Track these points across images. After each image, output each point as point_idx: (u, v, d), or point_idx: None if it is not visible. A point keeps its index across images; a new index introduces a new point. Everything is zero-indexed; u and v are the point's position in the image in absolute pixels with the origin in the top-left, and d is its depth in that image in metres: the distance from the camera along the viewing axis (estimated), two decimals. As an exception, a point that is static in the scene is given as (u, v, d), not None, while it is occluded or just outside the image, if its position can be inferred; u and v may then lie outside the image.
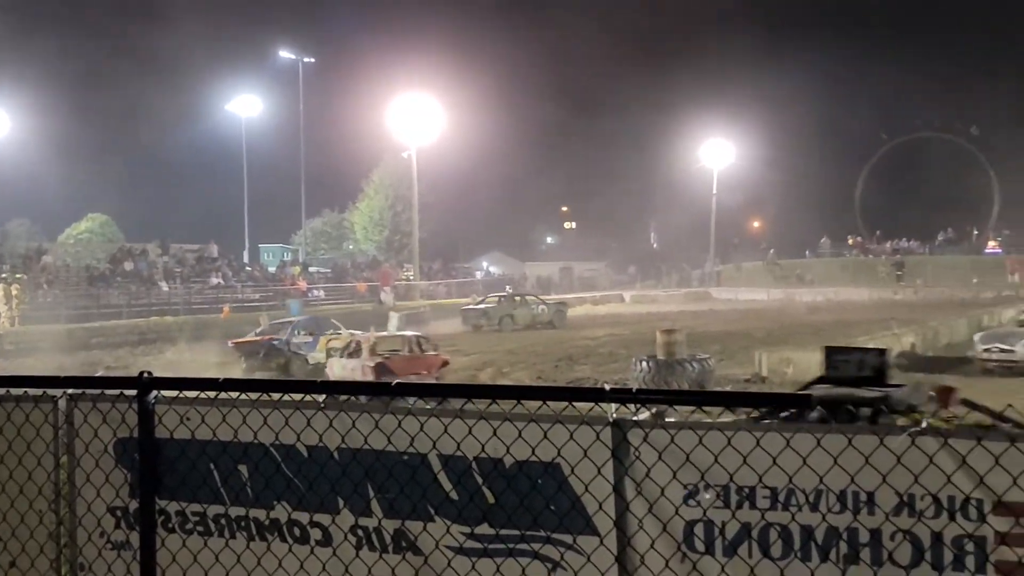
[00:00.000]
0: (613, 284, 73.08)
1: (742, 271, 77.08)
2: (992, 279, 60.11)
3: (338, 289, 57.86)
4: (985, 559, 3.00)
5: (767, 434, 3.14)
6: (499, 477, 3.44)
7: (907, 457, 3.00)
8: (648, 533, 3.27)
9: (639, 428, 3.29)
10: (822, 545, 3.13)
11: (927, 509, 3.04)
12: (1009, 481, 2.92)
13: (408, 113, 62.68)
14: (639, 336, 33.51)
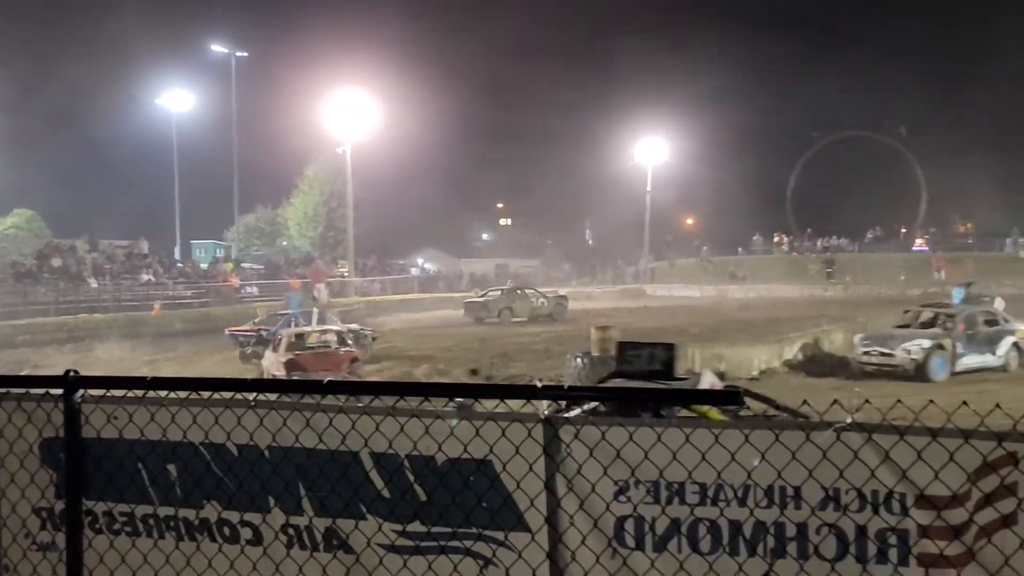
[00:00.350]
0: (548, 281, 73.20)
1: (676, 268, 77.65)
2: (919, 276, 61.19)
3: (271, 286, 57.19)
4: (908, 551, 3.07)
5: (697, 430, 3.17)
6: (431, 475, 3.44)
7: (832, 452, 3.06)
8: (579, 529, 3.29)
9: (571, 425, 3.31)
10: (750, 539, 3.18)
11: (852, 503, 3.10)
12: (931, 475, 2.99)
13: (343, 109, 62.15)
14: (574, 333, 33.64)
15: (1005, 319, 24.64)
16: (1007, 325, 24.24)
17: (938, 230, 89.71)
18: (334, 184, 69.07)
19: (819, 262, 73.06)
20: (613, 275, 76.43)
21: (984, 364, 23.10)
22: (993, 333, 23.66)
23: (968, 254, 73.65)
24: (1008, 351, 23.69)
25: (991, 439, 2.97)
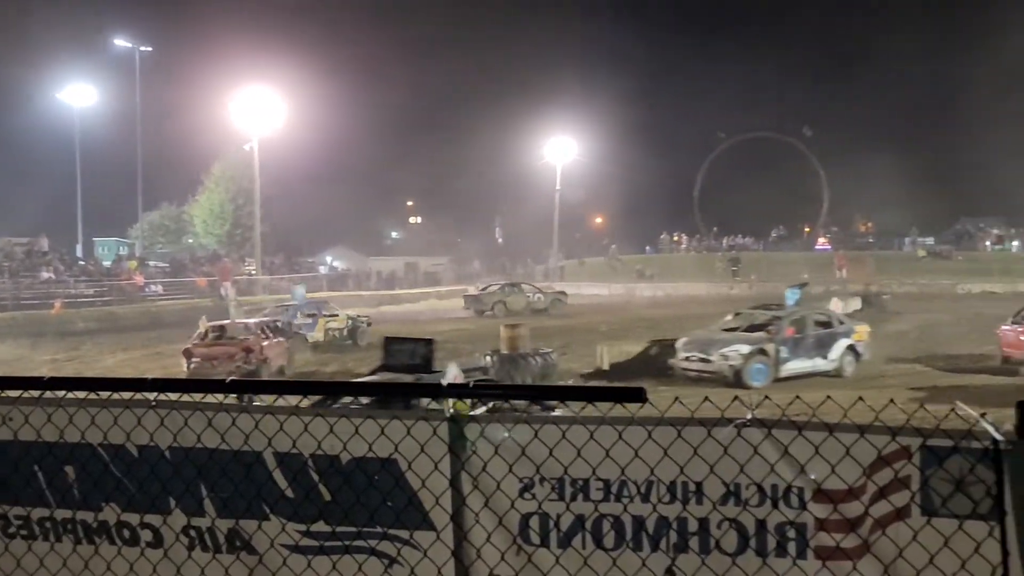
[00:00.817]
0: (458, 279, 73.13)
1: (585, 266, 78.25)
2: (822, 275, 62.43)
3: (177, 284, 56.26)
4: (806, 545, 3.13)
5: (600, 427, 3.20)
6: (336, 474, 3.41)
7: (733, 448, 3.11)
8: (484, 527, 3.30)
9: (476, 423, 3.31)
10: (653, 535, 3.21)
11: (752, 498, 3.15)
12: (828, 469, 3.06)
13: (250, 105, 61.38)
14: (484, 330, 33.69)
15: (841, 321, 24.01)
16: (842, 328, 23.55)
17: (840, 229, 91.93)
18: (241, 181, 68.06)
19: (725, 260, 74.28)
20: (523, 273, 76.70)
21: (815, 368, 22.30)
22: (825, 336, 22.88)
23: (869, 253, 75.66)
24: (842, 355, 22.97)
25: (886, 434, 3.04)
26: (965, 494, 2.96)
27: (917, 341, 30.25)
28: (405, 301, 56.54)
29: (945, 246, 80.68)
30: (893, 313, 41.11)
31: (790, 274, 58.66)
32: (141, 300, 49.11)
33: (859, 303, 43.35)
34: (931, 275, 62.32)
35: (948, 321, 36.64)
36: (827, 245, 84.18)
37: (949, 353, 26.47)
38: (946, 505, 2.98)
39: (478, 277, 73.37)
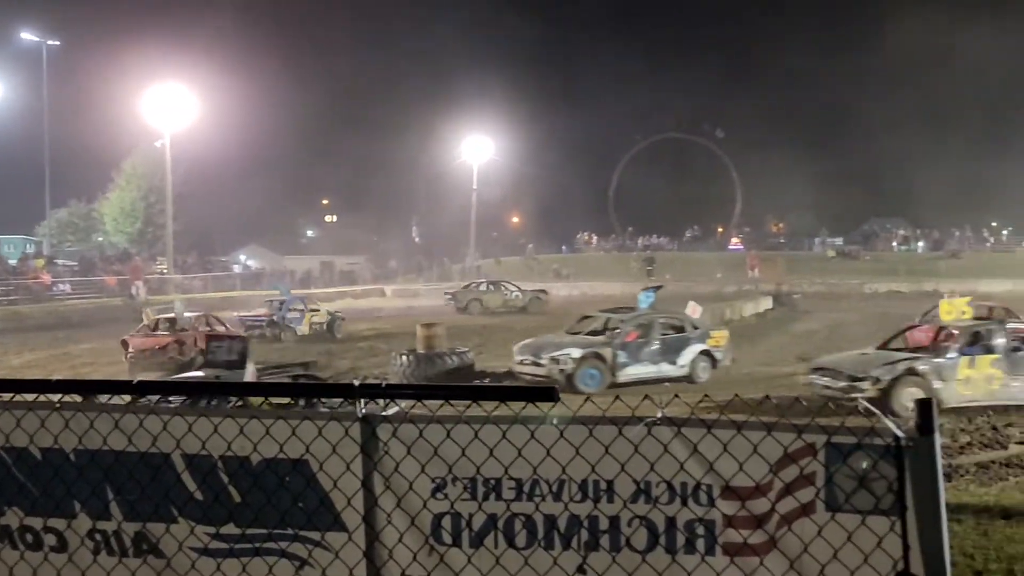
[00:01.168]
0: (374, 278, 72.76)
1: (502, 265, 78.41)
2: (735, 274, 63.59)
3: (86, 283, 55.09)
4: (714, 541, 3.17)
5: (513, 426, 3.21)
6: (246, 475, 3.37)
7: (644, 446, 3.14)
8: (396, 527, 3.28)
9: (388, 423, 3.30)
10: (564, 533, 3.23)
11: (662, 495, 3.18)
12: (736, 467, 3.11)
13: (162, 101, 60.36)
14: (400, 330, 33.58)
15: (695, 326, 23.19)
16: (695, 332, 22.83)
17: (752, 230, 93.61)
18: (152, 179, 66.86)
19: (640, 260, 75.00)
20: (439, 272, 76.59)
21: (660, 374, 21.53)
22: (675, 341, 22.28)
23: (780, 253, 77.10)
24: (694, 360, 22.29)
25: (792, 431, 3.09)
26: (868, 490, 3.03)
27: (826, 340, 30.87)
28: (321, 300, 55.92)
29: (853, 246, 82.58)
30: (803, 312, 41.99)
31: (704, 273, 59.62)
32: (48, 299, 48.07)
33: (770, 302, 44.21)
34: (840, 275, 63.69)
35: (856, 320, 37.48)
36: (740, 245, 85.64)
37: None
38: (849, 501, 3.05)
39: (394, 276, 73.14)
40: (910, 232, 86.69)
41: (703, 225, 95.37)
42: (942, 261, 69.23)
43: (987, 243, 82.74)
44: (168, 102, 60.33)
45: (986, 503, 8.55)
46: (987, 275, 59.46)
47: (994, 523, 7.49)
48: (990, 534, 7.09)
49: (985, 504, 8.48)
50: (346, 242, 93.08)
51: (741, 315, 38.97)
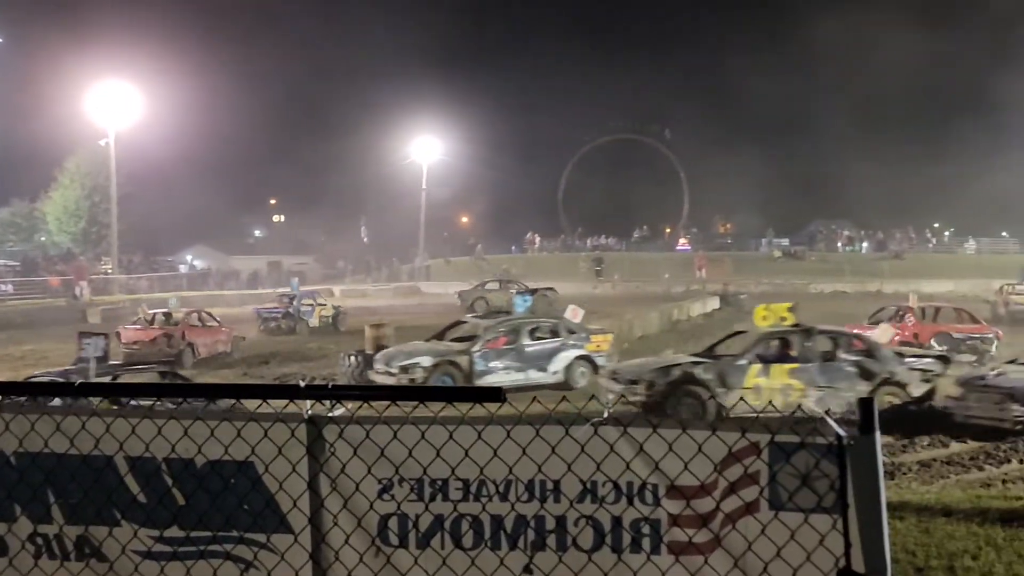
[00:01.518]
0: (323, 278, 72.32)
1: (451, 265, 78.29)
2: (682, 275, 63.96)
3: (28, 283, 54.26)
4: (660, 540, 3.19)
5: (460, 427, 3.21)
6: (190, 478, 3.34)
7: (590, 446, 3.15)
8: (343, 529, 3.27)
9: (334, 424, 3.29)
10: (511, 533, 3.23)
11: (608, 495, 3.20)
12: (681, 466, 3.13)
13: (107, 99, 59.55)
14: (348, 330, 33.46)
15: (571, 331, 22.47)
16: (572, 337, 22.13)
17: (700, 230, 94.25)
18: (97, 177, 65.81)
19: (588, 260, 75.26)
20: (388, 272, 76.32)
21: (527, 381, 20.72)
22: (546, 346, 21.66)
23: (727, 254, 77.74)
24: (570, 366, 21.70)
25: (736, 431, 3.12)
26: (810, 488, 3.06)
27: (772, 339, 31.08)
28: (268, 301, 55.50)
29: (799, 247, 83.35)
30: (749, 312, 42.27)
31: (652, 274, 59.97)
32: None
33: (718, 302, 44.59)
34: (786, 275, 64.28)
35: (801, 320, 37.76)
36: (687, 246, 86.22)
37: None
38: (792, 499, 3.08)
39: (342, 277, 72.76)
40: (855, 233, 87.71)
41: (651, 226, 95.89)
42: (885, 262, 70.10)
43: (929, 244, 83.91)
44: (113, 100, 59.54)
45: (927, 501, 8.69)
46: (929, 275, 60.36)
47: (935, 520, 7.61)
48: (931, 531, 7.21)
49: (926, 502, 8.61)
50: (294, 242, 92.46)
51: (689, 315, 39.25)
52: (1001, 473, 11.45)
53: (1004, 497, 9.15)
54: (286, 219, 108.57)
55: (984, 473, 11.50)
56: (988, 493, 9.64)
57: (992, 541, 6.87)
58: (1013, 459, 12.15)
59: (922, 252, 79.10)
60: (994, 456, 12.32)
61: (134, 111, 61.10)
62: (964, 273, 62.11)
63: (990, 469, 11.69)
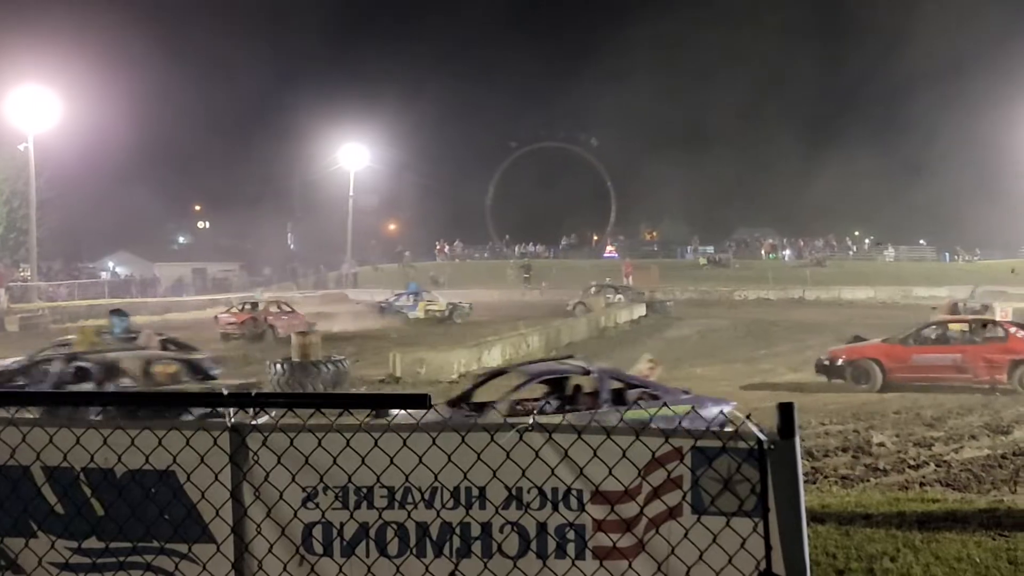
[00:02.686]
0: (248, 286, 71.53)
1: (379, 272, 77.99)
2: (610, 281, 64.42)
3: (-57, 290, 52.83)
4: (584, 545, 3.21)
5: (385, 434, 3.20)
6: (110, 488, 3.29)
7: (515, 452, 3.16)
8: (266, 538, 3.24)
9: (258, 432, 3.26)
10: (436, 540, 3.23)
11: (533, 501, 3.21)
12: (605, 471, 3.15)
13: (26, 103, 58.31)
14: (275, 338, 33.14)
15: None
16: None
17: (627, 238, 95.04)
18: (16, 183, 64.38)
19: (517, 267, 75.47)
20: (315, 280, 75.76)
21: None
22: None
23: (653, 261, 78.49)
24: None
25: (659, 436, 3.16)
26: (732, 492, 3.10)
27: (697, 345, 31.52)
28: (192, 308, 54.83)
29: (724, 255, 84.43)
30: (675, 319, 42.76)
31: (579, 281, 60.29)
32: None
33: (644, 309, 44.97)
34: (711, 282, 65.14)
35: (726, 326, 38.34)
36: (615, 253, 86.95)
37: (726, 357, 27.67)
38: (715, 503, 3.12)
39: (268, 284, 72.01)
40: (778, 241, 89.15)
41: (579, 233, 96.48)
42: (808, 269, 71.34)
43: (850, 252, 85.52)
44: (32, 104, 58.32)
45: (848, 504, 8.83)
46: (850, 282, 61.68)
47: (855, 523, 7.73)
48: (851, 534, 7.32)
49: (847, 505, 8.75)
50: (219, 248, 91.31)
51: (616, 322, 39.52)
52: (919, 476, 11.69)
53: (921, 500, 9.34)
54: (211, 225, 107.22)
55: (902, 477, 11.73)
56: (906, 496, 9.82)
57: (910, 543, 7.00)
58: (931, 463, 12.42)
59: (843, 259, 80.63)
60: (914, 460, 12.58)
61: (54, 115, 59.92)
62: (883, 280, 63.49)
63: (909, 473, 11.93)
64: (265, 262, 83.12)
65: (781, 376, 23.48)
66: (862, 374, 20.57)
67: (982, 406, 17.25)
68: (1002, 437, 14.16)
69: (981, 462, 12.37)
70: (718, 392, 19.43)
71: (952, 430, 14.74)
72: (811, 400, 18.14)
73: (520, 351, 27.38)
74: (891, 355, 20.60)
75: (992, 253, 78.61)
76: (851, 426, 15.11)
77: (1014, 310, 30.63)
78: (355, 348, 28.98)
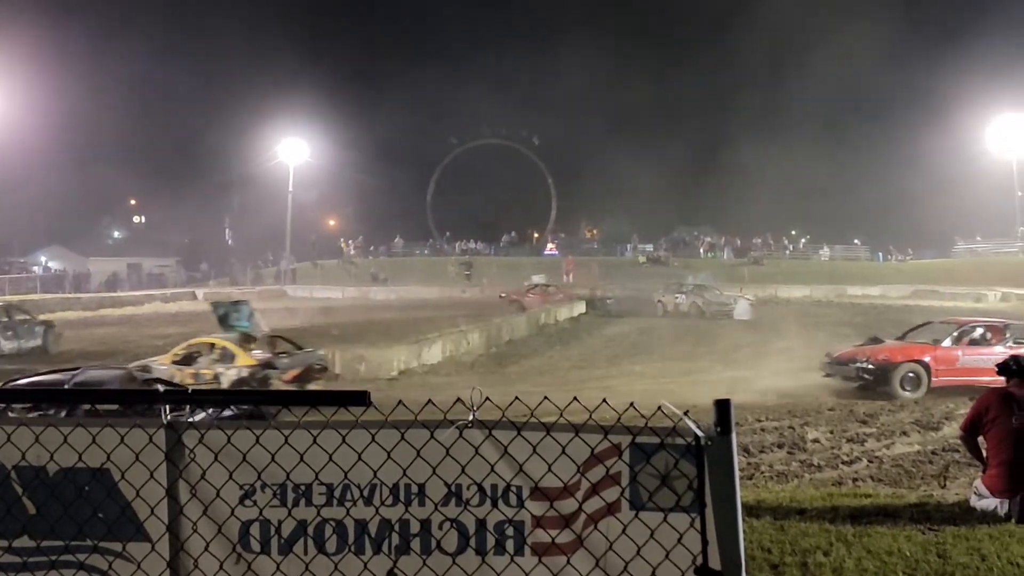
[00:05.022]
0: (185, 281, 70.65)
1: (319, 269, 77.44)
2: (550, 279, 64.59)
3: None
4: (523, 542, 3.23)
5: (324, 431, 3.19)
6: (42, 486, 3.24)
7: (455, 449, 3.17)
8: (202, 536, 3.22)
9: (195, 429, 3.23)
10: (375, 538, 3.23)
11: (473, 498, 3.22)
12: (544, 468, 3.17)
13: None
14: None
15: None
16: None
17: (567, 235, 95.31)
18: (-57, 175, 63.10)
19: (457, 265, 75.35)
20: (254, 276, 74.99)
21: None
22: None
23: (594, 258, 78.78)
24: None
25: (598, 432, 3.18)
26: (669, 488, 3.14)
27: (636, 343, 31.72)
28: (127, 304, 54.00)
29: (663, 253, 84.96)
30: (615, 316, 42.98)
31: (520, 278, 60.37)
32: None
33: (584, 306, 45.17)
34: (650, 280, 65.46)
35: (664, 324, 38.62)
36: (555, 250, 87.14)
37: (664, 355, 27.88)
38: (652, 499, 3.15)
39: (206, 280, 71.16)
40: (716, 239, 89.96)
41: (519, 231, 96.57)
42: (745, 267, 72.09)
43: (787, 251, 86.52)
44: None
45: (782, 500, 8.94)
46: (786, 281, 62.45)
47: (790, 518, 7.82)
48: (786, 529, 7.41)
49: (781, 500, 8.86)
50: (155, 243, 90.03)
51: (556, 319, 39.65)
52: (852, 472, 11.86)
53: (854, 495, 9.48)
54: (147, 220, 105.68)
55: (836, 472, 11.90)
56: (839, 491, 9.98)
57: (843, 537, 7.10)
58: (863, 459, 12.61)
59: (780, 258, 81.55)
60: (847, 457, 12.77)
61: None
62: (818, 279, 64.38)
63: (843, 468, 12.10)
64: (202, 258, 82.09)
65: (718, 373, 23.69)
66: (906, 379, 18.86)
67: (913, 403, 17.56)
68: (932, 433, 14.41)
69: (912, 458, 12.59)
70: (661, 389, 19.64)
71: (884, 426, 14.98)
72: (747, 397, 18.32)
73: (460, 348, 27.37)
74: (936, 357, 18.95)
75: (923, 253, 79.99)
76: (787, 423, 15.29)
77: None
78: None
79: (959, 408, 16.25)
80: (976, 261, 71.26)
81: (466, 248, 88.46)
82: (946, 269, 67.74)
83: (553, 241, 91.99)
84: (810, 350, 24.94)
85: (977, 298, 52.24)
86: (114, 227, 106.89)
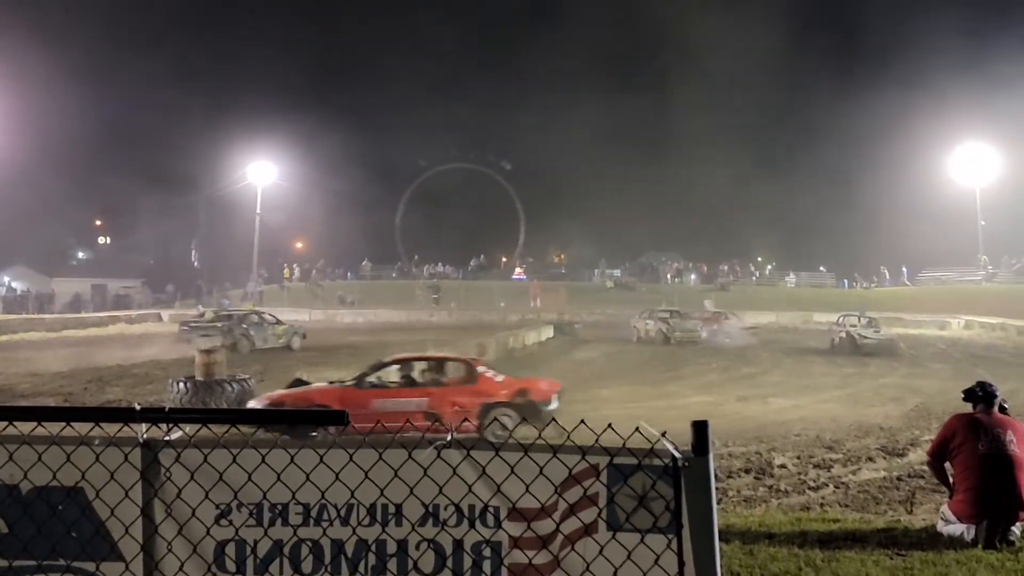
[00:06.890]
0: (151, 303, 70.09)
1: (286, 291, 77.10)
2: (518, 303, 64.70)
3: None
4: (500, 563, 3.22)
5: (301, 451, 3.18)
6: (15, 504, 3.21)
7: (433, 469, 3.17)
8: (177, 556, 3.19)
9: (171, 448, 3.21)
10: (352, 558, 3.22)
11: (450, 518, 3.22)
12: (522, 489, 3.17)
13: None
14: (178, 356, 32.52)
15: None
16: None
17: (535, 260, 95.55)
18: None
19: (425, 288, 75.26)
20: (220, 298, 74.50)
21: None
22: None
23: (562, 283, 78.97)
24: None
25: (576, 453, 3.19)
26: (647, 509, 3.15)
27: (604, 367, 31.78)
28: (91, 325, 53.50)
29: (630, 278, 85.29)
30: (583, 341, 43.07)
31: (488, 302, 60.45)
32: None
33: (552, 331, 45.21)
34: (617, 305, 65.59)
35: (632, 349, 38.73)
36: (523, 275, 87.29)
37: (632, 380, 27.93)
38: (630, 520, 3.16)
39: (172, 301, 70.64)
40: (683, 265, 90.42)
41: (488, 255, 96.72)
42: (712, 293, 72.46)
43: (753, 277, 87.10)
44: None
45: (751, 524, 8.97)
46: (752, 307, 62.74)
47: (759, 543, 7.86)
48: (755, 553, 7.44)
49: (750, 525, 8.89)
50: (121, 264, 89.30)
51: (524, 344, 39.64)
52: (819, 497, 11.92)
53: (822, 520, 9.52)
54: (112, 241, 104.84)
55: (804, 497, 11.95)
56: (808, 516, 10.01)
57: (811, 562, 7.15)
58: (830, 484, 12.68)
59: (746, 285, 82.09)
60: (814, 482, 12.84)
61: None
62: (784, 305, 64.83)
63: (810, 494, 12.16)
64: (168, 279, 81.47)
65: (686, 398, 23.77)
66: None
67: (879, 428, 17.69)
68: (898, 459, 14.52)
69: (878, 483, 12.67)
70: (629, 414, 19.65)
71: (850, 452, 15.07)
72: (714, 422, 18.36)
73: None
74: (345, 400, 16.01)
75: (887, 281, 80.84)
76: (753, 448, 15.36)
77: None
78: (261, 367, 28.60)
79: (924, 435, 16.40)
80: (940, 289, 72.03)
81: (434, 272, 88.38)
82: (910, 296, 68.46)
83: (521, 265, 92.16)
84: (776, 376, 25.09)
85: (941, 325, 52.82)
86: (79, 248, 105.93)
